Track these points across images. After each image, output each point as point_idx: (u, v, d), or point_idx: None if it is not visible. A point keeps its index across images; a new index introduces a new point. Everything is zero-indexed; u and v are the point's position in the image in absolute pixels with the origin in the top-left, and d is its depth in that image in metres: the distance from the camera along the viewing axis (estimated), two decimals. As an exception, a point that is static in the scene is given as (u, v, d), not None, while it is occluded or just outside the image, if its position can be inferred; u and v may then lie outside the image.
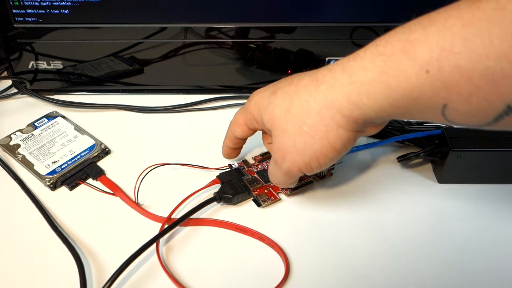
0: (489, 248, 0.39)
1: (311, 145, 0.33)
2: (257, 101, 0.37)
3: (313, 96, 0.32)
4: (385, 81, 0.29)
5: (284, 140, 0.34)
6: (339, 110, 0.31)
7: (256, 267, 0.38)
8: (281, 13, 0.50)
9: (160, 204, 0.42)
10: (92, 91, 0.56)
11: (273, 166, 0.37)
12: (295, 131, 0.33)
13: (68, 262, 0.37)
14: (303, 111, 0.33)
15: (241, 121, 0.40)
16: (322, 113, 0.32)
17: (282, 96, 0.35)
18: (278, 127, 0.35)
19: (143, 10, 0.50)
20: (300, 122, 0.33)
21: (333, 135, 0.32)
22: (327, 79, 0.32)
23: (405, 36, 0.28)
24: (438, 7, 0.29)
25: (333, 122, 0.32)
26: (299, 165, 0.35)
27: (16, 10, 0.50)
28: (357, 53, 0.31)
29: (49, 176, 0.44)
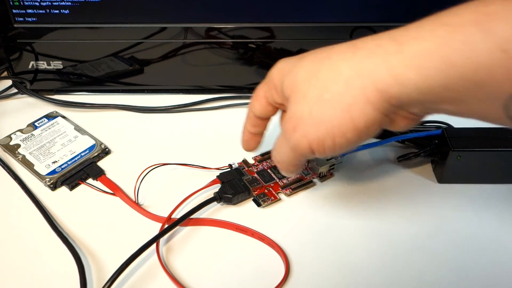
0: (489, 248, 0.39)
1: (330, 117, 0.28)
2: (281, 67, 0.33)
3: (346, 61, 0.28)
4: (444, 55, 0.24)
5: (300, 108, 0.30)
6: (374, 81, 0.27)
7: (256, 267, 0.38)
8: (281, 13, 0.50)
9: (160, 204, 0.43)
10: (92, 91, 0.56)
11: (280, 139, 0.33)
12: (315, 98, 0.29)
13: (68, 262, 0.37)
14: (330, 76, 0.28)
15: (261, 92, 0.35)
16: (352, 81, 0.27)
17: (310, 60, 0.30)
18: (298, 92, 0.30)
19: (143, 10, 0.50)
20: (324, 88, 0.29)
21: (357, 111, 0.27)
22: (369, 45, 0.28)
23: (479, 8, 0.24)
24: (438, 7, 0.28)
25: (362, 95, 0.27)
26: (310, 140, 0.30)
27: (16, 10, 0.50)
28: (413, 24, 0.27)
29: (49, 176, 0.44)
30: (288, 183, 0.43)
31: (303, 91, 0.30)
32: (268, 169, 0.45)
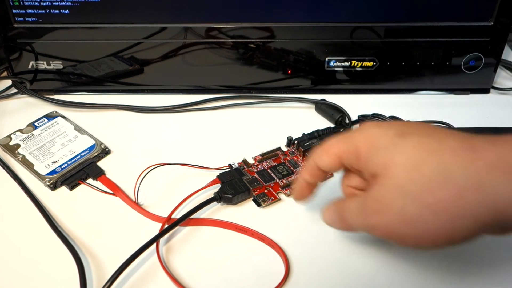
0: (489, 248, 0.39)
1: (425, 222, 0.26)
2: (373, 135, 0.29)
3: (461, 169, 0.25)
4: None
5: (391, 197, 0.27)
6: (494, 201, 0.24)
7: (256, 267, 0.38)
8: (281, 13, 0.50)
9: (160, 204, 0.42)
10: (92, 91, 0.56)
11: (355, 209, 0.30)
12: (414, 196, 0.26)
13: (68, 262, 0.37)
14: (438, 178, 0.25)
15: (334, 149, 0.32)
16: (464, 193, 0.25)
17: (415, 146, 0.27)
18: (392, 178, 0.27)
19: (143, 10, 0.50)
20: (428, 189, 0.26)
21: (461, 226, 0.25)
22: (490, 155, 0.25)
23: None
24: (438, 8, 0.27)
25: (473, 211, 0.25)
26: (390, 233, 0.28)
27: (16, 10, 0.50)
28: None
29: (49, 176, 0.44)
30: (288, 183, 0.43)
31: (399, 180, 0.27)
32: (268, 169, 0.45)
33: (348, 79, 0.55)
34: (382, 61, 0.53)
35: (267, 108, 0.54)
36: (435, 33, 0.51)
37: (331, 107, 0.52)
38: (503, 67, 0.59)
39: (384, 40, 0.52)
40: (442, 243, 0.27)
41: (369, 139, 0.30)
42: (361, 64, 0.54)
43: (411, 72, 0.54)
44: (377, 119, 0.49)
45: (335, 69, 0.54)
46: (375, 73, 0.54)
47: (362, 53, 0.53)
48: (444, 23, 0.50)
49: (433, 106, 0.54)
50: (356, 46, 0.52)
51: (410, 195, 0.26)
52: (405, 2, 0.49)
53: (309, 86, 0.56)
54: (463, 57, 0.53)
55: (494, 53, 0.53)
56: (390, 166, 0.27)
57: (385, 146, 0.28)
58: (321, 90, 0.56)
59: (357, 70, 0.54)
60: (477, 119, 0.52)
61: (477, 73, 0.54)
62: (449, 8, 0.50)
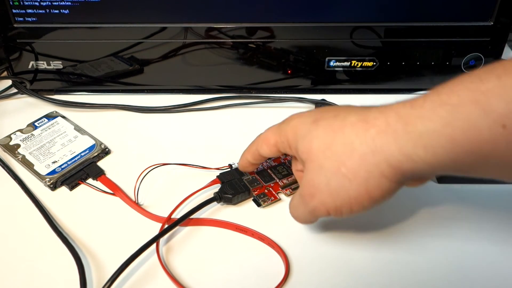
0: (489, 248, 0.39)
1: (347, 189, 0.30)
2: (295, 125, 0.34)
3: (359, 138, 0.30)
4: (449, 134, 0.26)
5: (317, 177, 0.32)
6: (387, 159, 0.29)
7: (256, 267, 0.38)
8: (281, 13, 0.50)
9: (160, 204, 0.42)
10: (92, 91, 0.56)
11: (298, 200, 0.35)
12: (332, 171, 0.31)
13: (68, 262, 0.37)
14: (345, 151, 0.30)
15: (272, 140, 0.37)
16: (366, 157, 0.29)
17: (324, 129, 0.32)
18: (313, 161, 0.32)
19: (143, 10, 0.50)
20: (340, 162, 0.30)
21: (373, 184, 0.30)
22: (379, 123, 0.29)
23: (474, 85, 0.25)
24: (438, 8, 0.28)
25: (376, 170, 0.29)
26: (328, 207, 0.32)
27: (16, 10, 0.50)
28: (415, 101, 0.28)
29: (49, 176, 0.44)
30: (288, 183, 0.43)
31: (318, 161, 0.32)
32: (268, 169, 0.45)
33: (348, 79, 0.55)
34: (382, 61, 0.53)
35: (267, 108, 0.54)
36: (435, 33, 0.51)
37: (331, 107, 0.52)
38: (503, 67, 0.59)
39: (384, 40, 0.52)
40: (368, 203, 0.31)
41: (293, 128, 0.34)
42: (361, 64, 0.54)
43: (411, 72, 0.54)
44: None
45: (335, 69, 0.54)
46: (375, 73, 0.54)
47: (362, 53, 0.53)
48: (444, 23, 0.50)
49: (433, 106, 0.54)
50: (356, 46, 0.52)
51: (329, 171, 0.31)
52: (405, 2, 0.49)
53: (309, 86, 0.56)
54: (463, 57, 0.53)
55: (494, 53, 0.53)
56: (310, 151, 0.32)
57: (304, 134, 0.33)
58: (321, 90, 0.56)
59: (357, 70, 0.54)
60: (477, 119, 0.52)
61: (477, 73, 0.54)
62: (449, 8, 0.50)
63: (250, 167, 0.41)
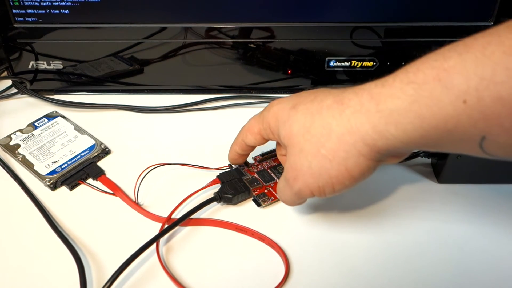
0: (489, 248, 0.39)
1: (327, 170, 0.32)
2: (276, 112, 0.36)
3: (336, 119, 0.31)
4: (416, 111, 0.27)
5: (299, 160, 0.33)
6: (362, 138, 0.30)
7: (256, 267, 0.38)
8: (281, 13, 0.50)
9: (160, 204, 0.42)
10: (92, 91, 0.56)
11: (283, 184, 0.36)
12: (312, 153, 0.32)
13: (68, 262, 0.37)
14: (323, 133, 0.31)
15: (255, 129, 0.38)
16: (343, 138, 0.31)
17: (303, 113, 0.33)
18: (294, 145, 0.33)
19: (143, 10, 0.50)
20: (319, 144, 0.32)
21: (352, 162, 0.31)
22: (353, 103, 0.30)
23: (439, 63, 0.26)
24: (439, 8, 0.28)
25: (354, 149, 0.30)
26: (311, 188, 0.33)
27: (16, 10, 0.50)
28: (386, 80, 0.29)
29: (49, 176, 0.44)
30: (288, 183, 0.43)
31: (299, 145, 0.33)
32: (268, 169, 0.45)
33: (348, 79, 0.55)
34: (382, 61, 0.53)
35: (267, 108, 0.54)
36: (435, 33, 0.51)
37: (331, 107, 0.52)
38: (503, 67, 0.59)
39: (384, 40, 0.52)
40: (349, 181, 0.32)
41: (274, 115, 0.36)
42: (361, 64, 0.54)
43: (411, 72, 0.54)
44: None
45: (335, 69, 0.54)
46: (375, 73, 0.54)
47: (362, 53, 0.53)
48: (444, 23, 0.50)
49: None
50: (356, 46, 0.52)
51: (309, 153, 0.32)
52: (405, 2, 0.49)
53: (309, 86, 0.56)
54: (463, 57, 0.53)
55: (494, 53, 0.52)
56: (291, 136, 0.34)
57: (284, 120, 0.34)
58: (321, 90, 0.56)
59: (357, 70, 0.54)
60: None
61: (477, 73, 0.54)
62: (449, 8, 0.50)
63: (239, 159, 0.42)
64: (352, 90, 0.31)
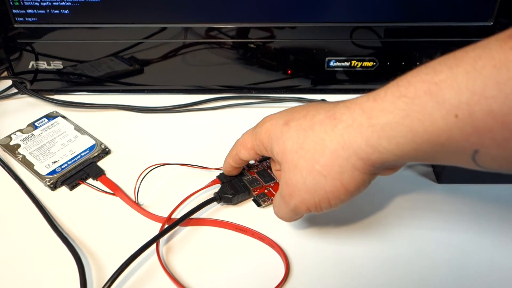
0: (489, 248, 0.39)
1: (323, 185, 0.32)
2: (268, 128, 0.36)
3: (329, 135, 0.31)
4: (408, 125, 0.27)
5: (294, 177, 0.33)
6: (356, 152, 0.30)
7: (256, 267, 0.38)
8: (281, 13, 0.50)
9: (160, 204, 0.43)
10: (92, 91, 0.56)
11: (279, 200, 0.36)
12: (307, 169, 0.32)
13: (68, 262, 0.37)
14: (317, 148, 0.32)
15: (248, 144, 0.38)
16: (337, 153, 0.31)
17: (296, 129, 0.33)
18: (288, 162, 0.33)
19: (143, 10, 0.50)
20: (313, 160, 0.32)
21: (347, 177, 0.31)
22: (345, 118, 0.31)
23: (429, 77, 0.26)
24: (438, 8, 0.28)
25: (348, 164, 0.30)
26: (308, 204, 0.33)
27: (16, 10, 0.50)
28: (377, 93, 0.29)
29: (49, 176, 0.44)
30: (288, 183, 0.43)
31: (293, 161, 0.33)
32: (268, 169, 0.45)
33: (348, 79, 0.55)
34: (382, 61, 0.53)
35: (267, 108, 0.54)
36: (435, 33, 0.51)
37: (331, 107, 0.52)
38: (503, 67, 0.59)
39: (384, 40, 0.52)
40: (345, 196, 0.32)
41: (267, 131, 0.36)
42: (361, 64, 0.54)
43: (411, 72, 0.54)
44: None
45: (335, 69, 0.54)
46: (375, 73, 0.54)
47: (362, 53, 0.53)
48: (444, 23, 0.50)
49: (433, 106, 0.54)
50: (356, 46, 0.52)
51: (304, 169, 0.32)
52: (405, 2, 0.49)
53: (309, 86, 0.56)
54: (463, 57, 0.53)
55: (494, 53, 0.52)
56: (284, 152, 0.34)
57: (277, 136, 0.34)
58: (321, 90, 0.56)
59: (357, 70, 0.54)
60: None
61: (477, 73, 0.54)
62: (449, 8, 0.50)
63: (234, 171, 0.42)
64: (344, 104, 0.31)
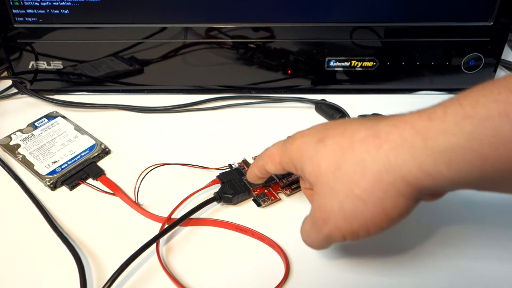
0: (489, 248, 0.39)
1: (362, 212, 0.29)
2: (300, 146, 0.32)
3: (372, 155, 0.28)
4: (476, 150, 0.24)
5: (329, 201, 0.30)
6: (404, 177, 0.27)
7: (256, 267, 0.38)
8: (281, 13, 0.50)
9: (160, 204, 0.43)
10: (92, 91, 0.56)
11: (309, 226, 0.33)
12: (345, 193, 0.29)
13: (68, 262, 0.37)
14: (356, 170, 0.28)
15: (277, 158, 0.35)
16: (380, 176, 0.27)
17: (332, 148, 0.30)
18: (323, 184, 0.30)
19: (143, 10, 0.50)
20: (352, 183, 0.28)
21: (390, 203, 0.28)
22: (392, 137, 0.27)
23: (504, 96, 0.23)
24: (439, 8, 0.27)
25: (392, 189, 0.27)
26: (343, 232, 0.30)
27: (16, 10, 0.50)
28: (433, 112, 0.26)
29: (49, 176, 0.44)
30: (288, 183, 0.43)
31: (329, 184, 0.30)
32: (268, 169, 0.45)
33: (348, 79, 0.55)
34: (382, 61, 0.53)
35: (267, 108, 0.54)
36: (435, 33, 0.51)
37: (331, 107, 0.52)
38: (503, 67, 0.59)
39: (384, 40, 0.52)
40: (386, 223, 0.29)
41: (298, 149, 0.32)
42: (361, 64, 0.54)
43: (411, 72, 0.54)
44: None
45: (335, 69, 0.54)
46: (375, 73, 0.54)
47: (362, 53, 0.53)
48: (444, 23, 0.50)
49: (433, 106, 0.54)
50: (356, 46, 0.52)
51: (341, 193, 0.29)
52: (405, 2, 0.49)
53: (309, 86, 0.56)
54: (463, 57, 0.53)
55: (494, 53, 0.53)
56: (319, 173, 0.30)
57: (310, 155, 0.31)
58: (321, 90, 0.56)
59: (357, 70, 0.54)
60: (477, 119, 0.52)
61: (477, 73, 0.54)
62: (449, 8, 0.50)
63: (258, 180, 0.40)
64: (389, 121, 0.28)
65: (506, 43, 0.52)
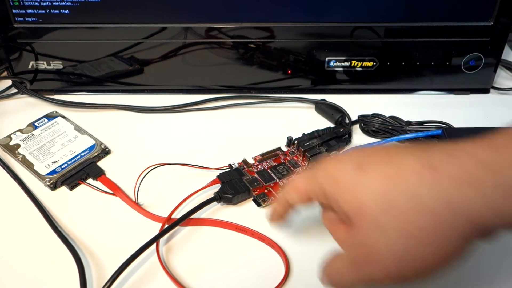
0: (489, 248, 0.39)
1: (414, 253, 0.25)
2: (334, 172, 0.29)
3: (428, 188, 0.24)
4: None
5: (374, 238, 0.26)
6: (468, 217, 0.24)
7: (256, 267, 0.38)
8: (281, 13, 0.50)
9: (160, 204, 0.43)
10: (92, 91, 0.56)
11: (345, 265, 0.29)
12: (396, 231, 0.25)
13: (68, 262, 0.37)
14: (409, 205, 0.25)
15: (302, 187, 0.31)
16: (440, 215, 0.24)
17: (376, 177, 0.26)
18: (367, 219, 0.26)
19: (143, 10, 0.50)
20: (404, 219, 0.25)
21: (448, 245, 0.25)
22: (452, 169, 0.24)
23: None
24: (439, 8, 0.27)
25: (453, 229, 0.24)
26: (391, 273, 0.26)
27: (16, 10, 0.50)
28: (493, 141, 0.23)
29: (49, 176, 0.44)
30: (288, 183, 0.43)
31: (375, 219, 0.26)
32: (268, 169, 0.45)
33: (348, 79, 0.55)
34: (382, 61, 0.53)
35: (267, 108, 0.54)
36: (435, 33, 0.51)
37: (331, 107, 0.52)
38: (503, 67, 0.59)
39: (384, 40, 0.52)
40: (438, 266, 0.26)
41: (331, 176, 0.29)
42: (361, 64, 0.54)
43: (411, 72, 0.54)
44: (376, 119, 0.49)
45: (335, 69, 0.54)
46: (375, 73, 0.54)
47: (362, 53, 0.53)
48: (444, 23, 0.50)
49: (433, 106, 0.54)
50: (356, 46, 0.52)
51: (390, 230, 0.26)
52: (405, 2, 0.49)
53: (309, 86, 0.56)
54: (463, 57, 0.53)
55: (494, 53, 0.53)
56: (362, 206, 0.27)
57: (349, 184, 0.28)
58: (321, 90, 0.56)
59: (357, 70, 0.54)
60: (477, 119, 0.52)
61: (477, 73, 0.54)
62: (449, 8, 0.50)
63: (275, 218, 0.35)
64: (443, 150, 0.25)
65: (506, 43, 0.52)
